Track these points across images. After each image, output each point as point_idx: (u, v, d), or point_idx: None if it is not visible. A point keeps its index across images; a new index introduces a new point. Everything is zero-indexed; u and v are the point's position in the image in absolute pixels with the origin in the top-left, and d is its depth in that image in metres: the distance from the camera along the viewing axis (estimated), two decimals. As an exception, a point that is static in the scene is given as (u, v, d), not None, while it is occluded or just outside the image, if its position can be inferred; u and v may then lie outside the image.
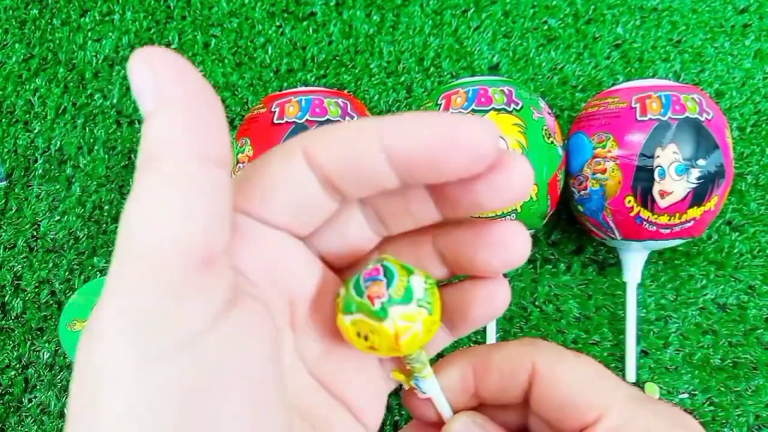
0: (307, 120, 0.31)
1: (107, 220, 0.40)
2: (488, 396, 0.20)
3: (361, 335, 0.17)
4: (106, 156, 0.40)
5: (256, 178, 0.16)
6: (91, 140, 0.41)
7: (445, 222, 0.18)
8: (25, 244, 0.40)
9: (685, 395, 0.37)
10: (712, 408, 0.36)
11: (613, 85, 0.37)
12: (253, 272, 0.16)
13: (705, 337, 0.37)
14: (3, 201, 0.40)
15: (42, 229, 0.40)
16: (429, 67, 0.41)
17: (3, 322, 0.39)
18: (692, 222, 0.31)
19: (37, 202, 0.40)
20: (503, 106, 0.31)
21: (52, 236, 0.40)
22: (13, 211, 0.40)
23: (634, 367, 0.35)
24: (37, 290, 0.39)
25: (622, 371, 0.36)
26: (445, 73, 0.41)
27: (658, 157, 0.30)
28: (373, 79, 0.41)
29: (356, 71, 0.41)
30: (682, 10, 0.41)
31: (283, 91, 0.33)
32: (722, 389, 0.36)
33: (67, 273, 0.39)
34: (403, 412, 0.36)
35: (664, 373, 0.37)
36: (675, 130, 0.30)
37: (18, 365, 0.38)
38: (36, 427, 0.38)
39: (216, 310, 0.13)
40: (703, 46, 0.41)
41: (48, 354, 0.38)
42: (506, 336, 0.38)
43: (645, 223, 0.31)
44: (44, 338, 0.39)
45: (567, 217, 0.38)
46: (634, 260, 0.35)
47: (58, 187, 0.40)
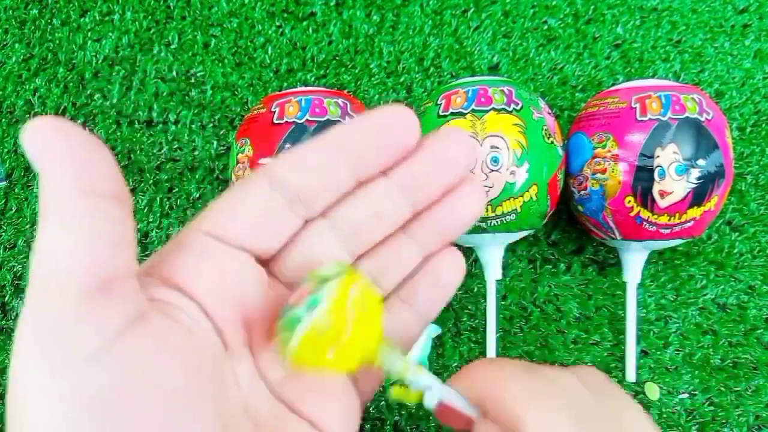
0: (307, 120, 0.31)
1: (107, 220, 0.40)
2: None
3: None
4: (106, 156, 0.40)
5: (222, 200, 0.18)
6: (91, 140, 0.41)
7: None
8: (25, 244, 0.40)
9: (685, 395, 0.37)
10: (712, 408, 0.36)
11: (613, 85, 0.37)
12: (203, 291, 0.17)
13: (705, 337, 0.37)
14: (3, 201, 0.40)
15: (42, 229, 0.40)
16: (429, 67, 0.41)
17: (3, 322, 0.39)
18: (692, 222, 0.31)
19: (37, 202, 0.40)
20: (503, 106, 0.31)
21: (52, 236, 0.40)
22: (13, 211, 0.40)
23: (634, 367, 0.35)
24: (37, 290, 0.39)
25: (622, 371, 0.36)
26: (445, 73, 0.41)
27: (658, 157, 0.30)
28: (373, 79, 0.41)
29: (356, 71, 0.41)
30: (682, 10, 0.41)
31: (283, 91, 0.33)
32: (722, 389, 0.36)
33: (67, 273, 0.39)
34: (403, 412, 0.36)
35: (664, 373, 0.37)
36: (675, 130, 0.30)
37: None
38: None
39: (115, 328, 0.14)
40: (703, 46, 0.41)
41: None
42: (506, 336, 0.38)
43: (645, 223, 0.31)
44: (44, 338, 0.39)
45: (567, 217, 0.38)
46: (634, 260, 0.35)
47: (58, 187, 0.40)
